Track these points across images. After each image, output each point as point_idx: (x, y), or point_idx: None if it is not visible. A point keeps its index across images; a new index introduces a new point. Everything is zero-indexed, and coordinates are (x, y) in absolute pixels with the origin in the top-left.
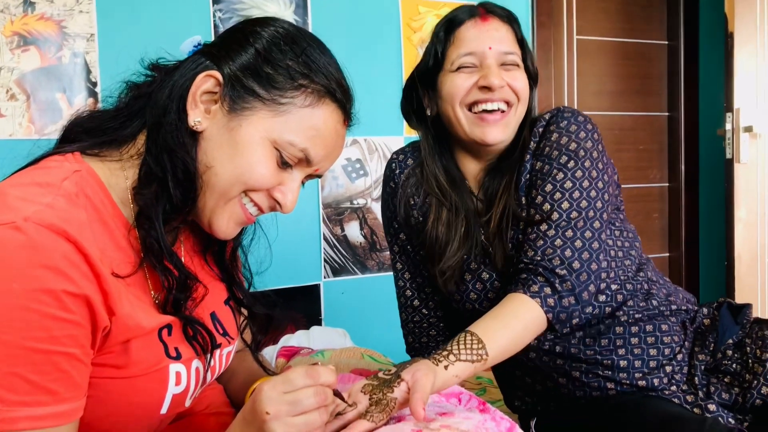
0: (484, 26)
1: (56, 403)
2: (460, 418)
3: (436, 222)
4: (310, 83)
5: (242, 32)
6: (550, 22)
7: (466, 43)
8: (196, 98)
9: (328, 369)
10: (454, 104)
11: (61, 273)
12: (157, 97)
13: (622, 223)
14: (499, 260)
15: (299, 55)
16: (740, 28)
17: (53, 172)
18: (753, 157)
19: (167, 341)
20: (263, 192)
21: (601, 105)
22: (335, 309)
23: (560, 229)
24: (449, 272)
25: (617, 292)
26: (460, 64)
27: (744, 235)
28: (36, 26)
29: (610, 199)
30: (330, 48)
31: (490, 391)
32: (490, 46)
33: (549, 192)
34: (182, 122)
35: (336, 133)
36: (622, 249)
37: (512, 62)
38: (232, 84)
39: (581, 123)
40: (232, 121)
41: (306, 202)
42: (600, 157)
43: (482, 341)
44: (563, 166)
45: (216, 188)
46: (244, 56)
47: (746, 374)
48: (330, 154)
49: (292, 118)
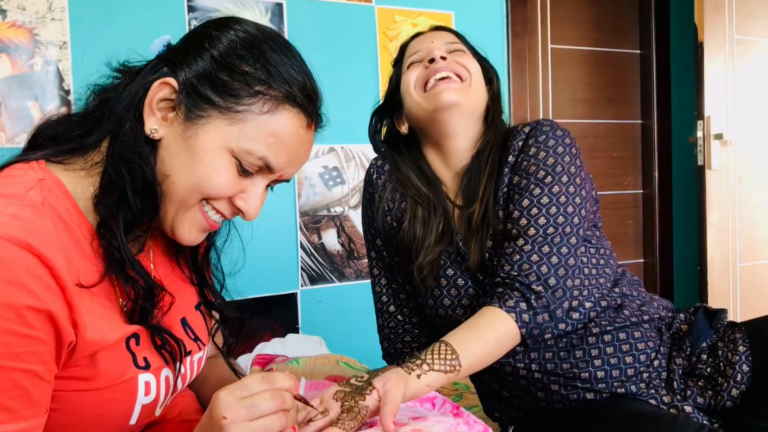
0: (428, 33)
1: (13, 421)
2: (432, 421)
3: (413, 220)
4: (267, 89)
5: (200, 36)
6: (524, 31)
7: (412, 48)
8: (153, 106)
9: (286, 374)
10: (410, 91)
11: (24, 288)
12: (115, 106)
13: (598, 240)
14: (473, 264)
15: (257, 60)
16: (710, 38)
17: (17, 180)
18: (724, 163)
19: (135, 351)
20: (224, 200)
21: (575, 113)
22: (312, 317)
23: (537, 244)
24: (427, 268)
25: (591, 309)
26: (410, 62)
27: (716, 240)
28: (7, 33)
29: (587, 215)
30: (306, 57)
31: (467, 397)
32: (432, 40)
33: (526, 207)
34: (140, 131)
35: (298, 138)
36: (597, 266)
37: (458, 49)
38: (187, 92)
39: (559, 137)
40: (189, 130)
41: (283, 210)
42: (578, 172)
43: (456, 352)
44: (540, 181)
45: (174, 197)
46: (200, 62)
47: (718, 377)
48: (294, 159)
49: (249, 126)
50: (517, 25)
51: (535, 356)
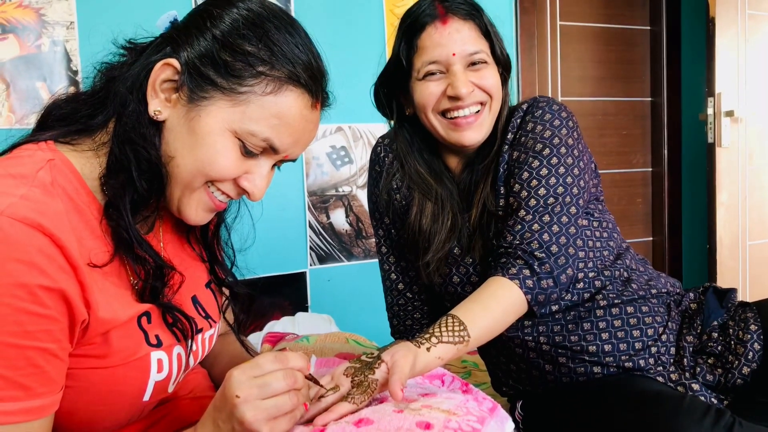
0: (445, 30)
1: (29, 398)
2: (441, 398)
3: (419, 215)
4: (270, 70)
5: (203, 15)
6: (533, 7)
7: (429, 51)
8: (156, 87)
9: (298, 354)
10: (427, 112)
11: (36, 267)
12: (118, 87)
13: (600, 214)
14: (478, 252)
15: (260, 39)
16: (721, 13)
17: (27, 161)
18: (734, 141)
19: (147, 329)
20: (229, 181)
21: (584, 90)
22: (322, 296)
23: (537, 214)
24: (434, 264)
25: (594, 279)
26: (426, 72)
27: (726, 218)
28: (14, 14)
29: (586, 186)
30: (313, 35)
31: (476, 374)
32: (453, 52)
33: (526, 179)
34: (143, 112)
35: (303, 118)
36: (600, 239)
37: (480, 60)
38: (190, 72)
39: (555, 111)
40: (191, 111)
41: (291, 190)
42: (575, 144)
43: (464, 323)
44: (538, 153)
45: (179, 179)
46: (202, 42)
47: (729, 355)
48: (299, 140)
49: (252, 107)
50: (525, 2)
51: (543, 329)
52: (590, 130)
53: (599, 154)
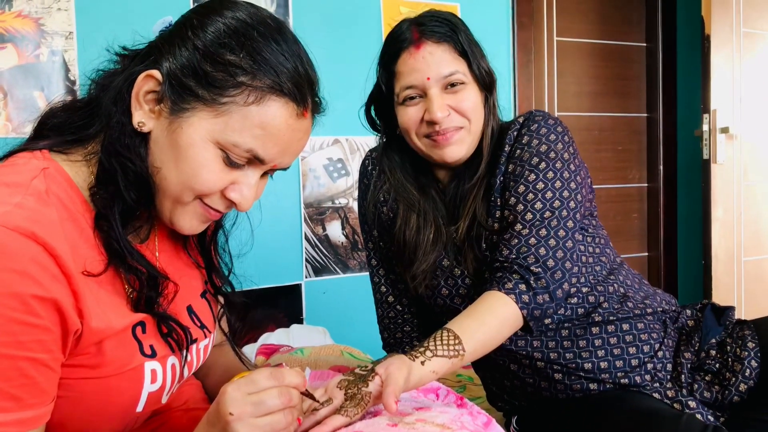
0: (419, 54)
1: (20, 409)
2: (436, 412)
3: (404, 226)
4: (252, 80)
5: (186, 24)
6: (530, 23)
7: (405, 76)
8: (139, 99)
9: (294, 370)
10: (411, 135)
11: (29, 277)
12: (104, 98)
13: (594, 229)
14: (470, 264)
15: (242, 48)
16: (717, 31)
17: (21, 169)
18: (729, 157)
19: (141, 339)
20: (216, 195)
21: (580, 106)
22: (317, 309)
23: (534, 228)
24: (420, 276)
25: (588, 294)
26: (405, 97)
27: (721, 234)
28: (13, 23)
29: (583, 201)
30: (310, 47)
31: (471, 388)
32: (428, 76)
33: (522, 193)
34: (128, 123)
35: (288, 128)
36: (593, 255)
37: (457, 81)
38: (171, 83)
39: (551, 126)
40: (174, 123)
41: (287, 202)
42: (571, 159)
43: (459, 337)
44: (535, 167)
45: (167, 191)
46: (183, 52)
47: (726, 372)
48: (286, 150)
49: (235, 118)
50: (522, 17)
51: (538, 345)
52: (586, 145)
53: (595, 169)
